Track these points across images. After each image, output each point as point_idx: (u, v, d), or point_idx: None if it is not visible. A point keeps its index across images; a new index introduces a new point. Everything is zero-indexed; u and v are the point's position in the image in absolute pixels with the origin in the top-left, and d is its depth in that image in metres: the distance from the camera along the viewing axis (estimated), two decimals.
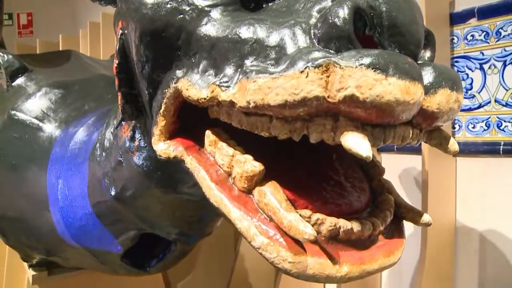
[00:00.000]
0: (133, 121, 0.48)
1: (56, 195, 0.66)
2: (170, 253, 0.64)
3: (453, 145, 0.36)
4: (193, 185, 0.50)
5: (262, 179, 0.34)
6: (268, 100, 0.29)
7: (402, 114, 0.29)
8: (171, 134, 0.40)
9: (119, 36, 0.43)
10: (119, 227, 0.61)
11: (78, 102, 0.75)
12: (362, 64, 0.27)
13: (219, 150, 0.36)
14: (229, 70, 0.33)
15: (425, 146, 0.82)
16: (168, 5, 0.37)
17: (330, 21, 0.29)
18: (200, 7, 0.36)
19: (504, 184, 0.79)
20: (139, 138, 0.48)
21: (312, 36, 0.30)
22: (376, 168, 0.43)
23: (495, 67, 0.80)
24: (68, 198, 0.64)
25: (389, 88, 0.27)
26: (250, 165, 0.33)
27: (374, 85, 0.27)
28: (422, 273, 0.82)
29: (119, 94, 0.45)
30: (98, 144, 0.59)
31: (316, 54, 0.28)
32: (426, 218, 0.38)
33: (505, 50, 0.79)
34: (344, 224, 0.33)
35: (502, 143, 0.78)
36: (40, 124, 0.72)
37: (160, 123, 0.40)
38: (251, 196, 0.34)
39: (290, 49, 0.30)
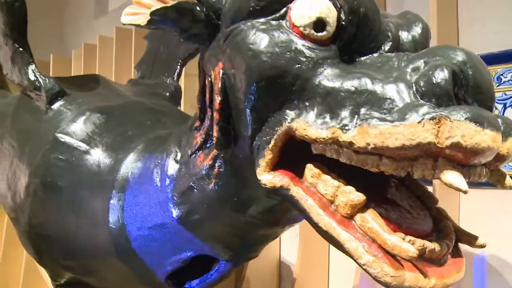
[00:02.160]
0: (215, 151, 0.54)
1: (106, 218, 0.70)
2: (217, 273, 0.69)
3: (509, 181, 0.43)
4: (262, 209, 0.56)
5: (363, 207, 0.41)
6: (388, 143, 0.36)
7: (488, 157, 0.37)
8: (274, 166, 0.46)
9: (220, 76, 0.49)
10: (173, 249, 0.66)
11: (121, 128, 0.79)
12: (466, 118, 0.34)
13: (323, 182, 0.43)
14: (346, 115, 0.39)
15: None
16: (287, 55, 0.43)
17: (434, 81, 0.36)
18: (315, 59, 0.43)
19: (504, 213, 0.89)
20: (220, 167, 0.54)
21: (415, 92, 0.38)
22: (433, 198, 0.50)
23: (496, 108, 0.91)
24: (120, 222, 0.68)
25: (485, 137, 0.35)
26: (355, 195, 0.40)
27: (475, 135, 0.34)
28: None
29: (215, 127, 0.51)
30: (157, 170, 0.64)
31: (426, 109, 0.35)
32: (481, 241, 0.46)
33: (505, 94, 0.90)
34: (429, 245, 0.40)
35: None
36: (87, 147, 0.76)
37: (267, 156, 0.46)
38: (353, 221, 0.41)
39: (399, 101, 0.37)
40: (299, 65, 0.43)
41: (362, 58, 0.44)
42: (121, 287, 0.81)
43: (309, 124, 0.42)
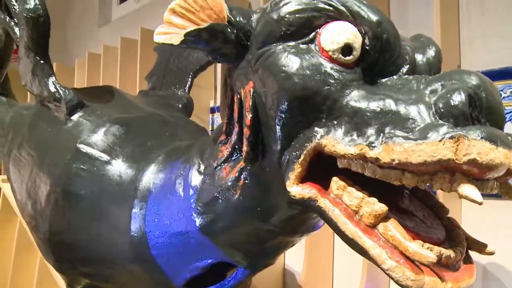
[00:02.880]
0: (241, 164, 0.57)
1: (127, 227, 0.73)
2: (234, 280, 0.72)
3: None
4: (283, 218, 0.59)
5: (385, 217, 0.44)
6: (411, 159, 0.39)
7: (500, 172, 0.41)
8: (302, 179, 0.50)
9: (251, 94, 0.52)
10: (193, 257, 0.69)
11: (140, 139, 0.82)
12: (482, 137, 0.38)
13: (348, 193, 0.47)
14: (372, 133, 0.43)
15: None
16: (317, 77, 0.47)
17: (452, 103, 0.40)
18: (343, 81, 0.47)
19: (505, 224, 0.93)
20: (245, 178, 0.57)
21: (434, 112, 0.42)
22: (444, 209, 0.54)
23: None
24: (141, 231, 0.71)
25: (498, 154, 0.39)
26: (378, 206, 0.44)
27: (489, 152, 0.38)
28: None
29: (245, 142, 0.54)
30: (179, 181, 0.68)
31: (446, 129, 0.39)
32: (490, 248, 0.50)
33: (505, 109, 0.94)
34: (445, 251, 0.44)
35: None
36: (108, 158, 0.79)
37: (296, 170, 0.49)
38: (376, 229, 0.44)
39: (420, 121, 0.41)
40: (329, 87, 0.47)
41: (383, 80, 0.48)
42: None
43: (337, 141, 0.46)
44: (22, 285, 1.31)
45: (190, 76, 1.14)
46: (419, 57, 0.52)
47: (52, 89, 0.88)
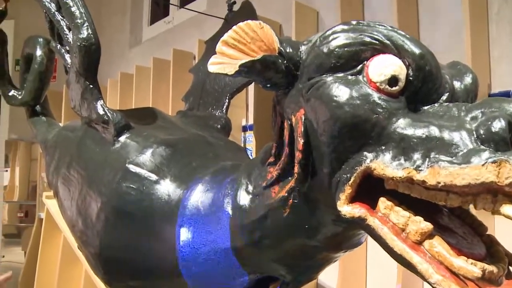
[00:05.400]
0: (291, 184, 0.61)
1: (178, 243, 0.77)
2: None
3: None
4: (329, 235, 0.63)
5: (430, 234, 0.48)
6: (456, 182, 0.43)
7: None
8: (351, 199, 0.54)
9: (303, 121, 0.56)
10: (241, 272, 0.73)
11: (185, 160, 0.86)
12: None
13: (395, 213, 0.50)
14: (418, 158, 0.47)
15: None
16: (366, 106, 0.51)
17: (493, 130, 0.44)
18: (390, 110, 0.51)
19: None
20: (294, 198, 0.61)
21: (476, 138, 0.45)
22: (483, 226, 0.57)
23: None
24: (190, 246, 0.75)
25: None
26: (424, 224, 0.48)
27: None
28: None
29: (296, 165, 0.58)
30: (227, 200, 0.72)
31: (488, 154, 0.43)
32: None
33: None
34: (488, 267, 0.47)
35: None
36: (157, 177, 0.83)
37: (347, 191, 0.53)
38: (422, 246, 0.48)
39: (463, 147, 0.45)
40: (377, 115, 0.50)
41: (425, 108, 0.52)
42: None
43: (386, 165, 0.49)
44: None
45: (227, 98, 1.18)
46: (457, 84, 0.56)
47: (101, 111, 0.94)
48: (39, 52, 1.35)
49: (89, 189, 0.93)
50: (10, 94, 1.41)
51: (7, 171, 4.09)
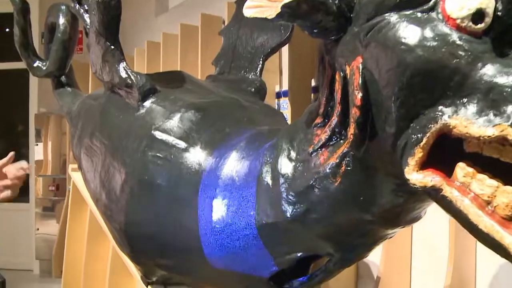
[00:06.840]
0: (343, 148, 0.52)
1: (209, 217, 0.69)
2: (324, 273, 0.66)
3: None
4: (387, 208, 0.53)
5: None
6: None
7: None
8: (421, 165, 0.44)
9: (360, 71, 0.47)
10: (282, 249, 0.64)
11: (218, 125, 0.78)
12: None
13: (479, 181, 0.41)
14: None
15: None
16: (444, 49, 0.41)
17: None
18: (474, 53, 0.41)
19: None
20: (347, 165, 0.51)
21: None
22: None
23: None
24: (224, 221, 0.67)
25: None
26: None
27: None
28: None
29: (352, 124, 0.49)
30: (267, 169, 0.63)
31: None
32: None
33: None
34: None
35: None
36: (186, 145, 0.75)
37: (417, 155, 0.43)
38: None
39: None
40: (458, 60, 0.41)
41: None
42: (220, 286, 0.80)
43: (470, 121, 0.40)
44: (96, 274, 1.32)
45: (261, 59, 1.08)
46: None
47: (124, 74, 0.86)
48: (62, 20, 1.28)
49: (112, 160, 0.86)
50: (35, 65, 1.36)
51: (37, 145, 4.14)
